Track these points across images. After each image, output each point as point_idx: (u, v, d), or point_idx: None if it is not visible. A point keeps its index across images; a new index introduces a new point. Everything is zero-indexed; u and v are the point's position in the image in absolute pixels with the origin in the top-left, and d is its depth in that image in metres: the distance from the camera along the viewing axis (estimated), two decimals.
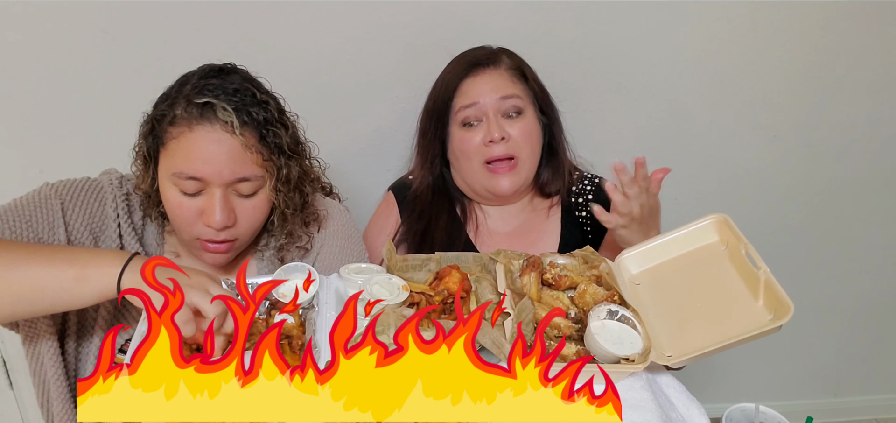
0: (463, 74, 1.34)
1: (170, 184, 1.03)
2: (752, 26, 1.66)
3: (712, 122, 1.78)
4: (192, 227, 1.04)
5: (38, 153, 1.59)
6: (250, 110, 1.03)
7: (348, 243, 1.24)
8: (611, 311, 0.97)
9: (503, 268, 1.07)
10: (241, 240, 1.10)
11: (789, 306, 0.88)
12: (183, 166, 1.00)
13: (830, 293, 2.08)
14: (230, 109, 1.00)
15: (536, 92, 1.37)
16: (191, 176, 1.00)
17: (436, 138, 1.38)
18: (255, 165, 1.04)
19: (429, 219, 1.40)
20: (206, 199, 1.03)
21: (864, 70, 1.75)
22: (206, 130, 1.00)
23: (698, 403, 0.96)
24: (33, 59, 1.49)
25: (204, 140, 1.00)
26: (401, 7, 1.55)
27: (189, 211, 1.03)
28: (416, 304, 1.00)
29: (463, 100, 1.33)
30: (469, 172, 1.36)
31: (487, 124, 1.31)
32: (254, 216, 1.08)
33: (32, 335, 1.05)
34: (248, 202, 1.06)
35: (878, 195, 1.94)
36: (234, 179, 1.02)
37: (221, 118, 1.00)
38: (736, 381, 2.22)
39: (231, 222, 1.04)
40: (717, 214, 1.08)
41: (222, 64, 1.10)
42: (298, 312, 1.03)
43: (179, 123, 1.01)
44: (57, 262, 0.88)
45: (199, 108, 1.01)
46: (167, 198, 1.04)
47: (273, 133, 1.05)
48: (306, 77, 1.59)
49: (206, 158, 1.00)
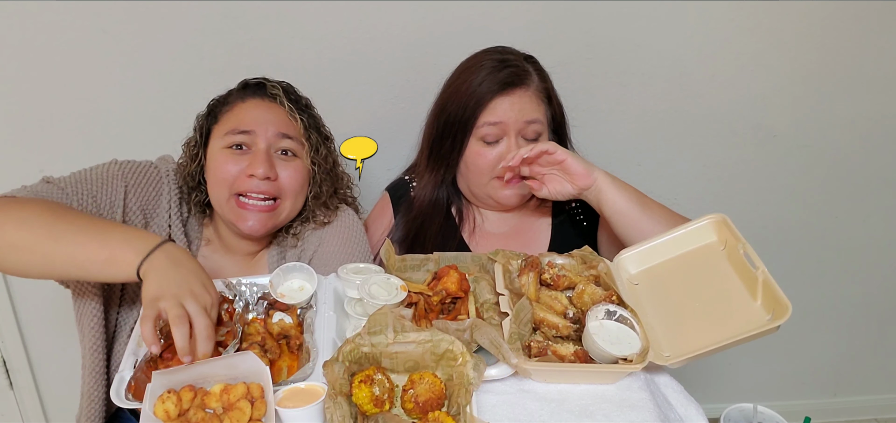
0: (496, 90, 1.29)
1: (220, 148, 1.16)
2: (751, 26, 1.66)
3: (711, 122, 1.78)
4: (235, 182, 1.14)
5: (38, 153, 1.59)
6: (295, 93, 1.24)
7: (349, 242, 1.27)
8: (609, 311, 0.97)
9: (501, 268, 1.07)
10: (282, 205, 1.19)
11: (787, 306, 0.88)
12: (234, 125, 1.16)
13: (829, 293, 2.08)
14: (279, 87, 1.20)
15: (555, 114, 1.37)
16: (241, 130, 1.15)
17: (455, 148, 1.35)
18: (296, 131, 1.18)
19: (423, 220, 1.40)
20: (253, 154, 1.15)
21: (863, 70, 1.75)
22: (257, 100, 1.19)
23: (696, 403, 0.96)
24: (33, 59, 1.49)
25: (255, 106, 1.18)
26: (402, 7, 1.55)
27: (236, 168, 1.15)
28: (414, 304, 1.01)
29: (489, 116, 1.30)
30: (477, 184, 1.37)
31: (507, 145, 1.31)
32: (295, 179, 1.18)
33: (80, 293, 1.13)
34: (289, 166, 1.18)
35: (877, 195, 1.94)
36: (278, 134, 1.16)
37: (271, 92, 1.20)
38: (734, 381, 2.22)
39: (273, 175, 1.15)
40: (716, 214, 1.08)
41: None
42: (296, 312, 1.03)
43: (233, 101, 1.20)
44: (91, 242, 0.94)
45: (252, 87, 1.21)
46: (215, 160, 1.16)
47: (311, 116, 1.23)
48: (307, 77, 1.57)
49: (256, 117, 1.16)
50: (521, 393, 0.89)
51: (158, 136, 1.40)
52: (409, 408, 0.85)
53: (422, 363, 0.89)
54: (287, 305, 1.02)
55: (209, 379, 0.84)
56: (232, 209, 1.15)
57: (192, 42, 1.52)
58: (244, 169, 1.14)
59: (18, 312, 1.78)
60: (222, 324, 0.99)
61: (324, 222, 1.27)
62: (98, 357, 1.12)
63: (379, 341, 0.88)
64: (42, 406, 1.94)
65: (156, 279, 0.89)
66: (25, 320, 1.80)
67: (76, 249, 0.94)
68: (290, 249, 1.25)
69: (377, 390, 0.84)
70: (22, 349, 1.83)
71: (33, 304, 1.77)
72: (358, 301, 1.03)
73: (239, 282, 1.05)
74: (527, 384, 0.91)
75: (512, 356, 0.89)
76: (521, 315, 0.96)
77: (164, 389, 0.81)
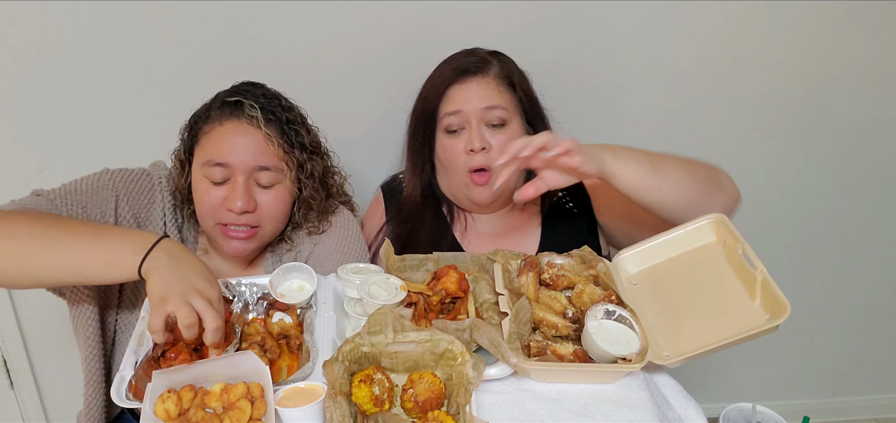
0: (450, 80, 1.32)
1: (201, 175, 1.14)
2: (750, 26, 1.66)
3: (710, 122, 1.78)
4: (216, 213, 1.13)
5: (38, 153, 1.59)
6: (274, 110, 1.16)
7: (345, 242, 1.27)
8: (608, 311, 0.97)
9: (501, 268, 1.07)
10: (264, 231, 1.17)
11: (786, 305, 0.88)
12: (212, 154, 1.12)
13: (828, 293, 2.07)
14: (256, 106, 1.14)
15: (524, 103, 1.35)
16: (218, 162, 1.12)
17: (425, 143, 1.37)
18: (276, 158, 1.14)
19: (414, 222, 1.39)
20: (230, 187, 1.13)
21: (863, 70, 1.75)
22: (234, 123, 1.14)
23: (695, 402, 0.96)
24: (33, 59, 1.49)
25: (232, 131, 1.13)
26: (399, 7, 1.55)
27: (215, 198, 1.13)
28: (413, 304, 1.01)
29: (448, 106, 1.31)
30: (454, 182, 1.36)
31: (469, 133, 1.30)
32: (275, 207, 1.16)
33: (76, 301, 1.13)
34: (268, 194, 1.15)
35: (876, 195, 1.93)
36: (255, 167, 1.13)
37: (248, 114, 1.14)
38: (733, 381, 2.22)
39: (251, 207, 1.13)
40: (715, 214, 1.09)
41: (253, 81, 1.23)
42: (296, 312, 1.04)
43: (212, 120, 1.15)
44: (87, 244, 0.95)
45: (230, 106, 1.15)
46: (197, 187, 1.15)
47: (295, 132, 1.18)
48: (305, 77, 1.59)
49: (232, 147, 1.12)
50: (520, 393, 0.90)
51: (158, 135, 1.40)
52: (408, 408, 0.85)
53: (421, 362, 0.90)
54: (287, 305, 1.03)
55: (209, 379, 0.85)
56: (217, 235, 1.16)
57: (192, 42, 1.52)
58: (224, 201, 1.13)
59: (19, 312, 1.78)
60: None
61: (318, 229, 1.27)
62: (96, 365, 1.13)
63: (378, 341, 0.89)
64: (43, 406, 1.94)
65: (159, 280, 0.90)
66: (26, 320, 1.80)
67: (70, 254, 0.94)
68: (286, 253, 1.25)
69: (377, 389, 0.84)
70: (23, 349, 1.83)
71: (34, 304, 1.78)
72: (358, 301, 1.04)
73: (239, 282, 1.05)
74: (526, 383, 0.91)
75: (511, 355, 0.89)
76: (521, 315, 0.96)
77: (164, 388, 0.81)
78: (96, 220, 1.10)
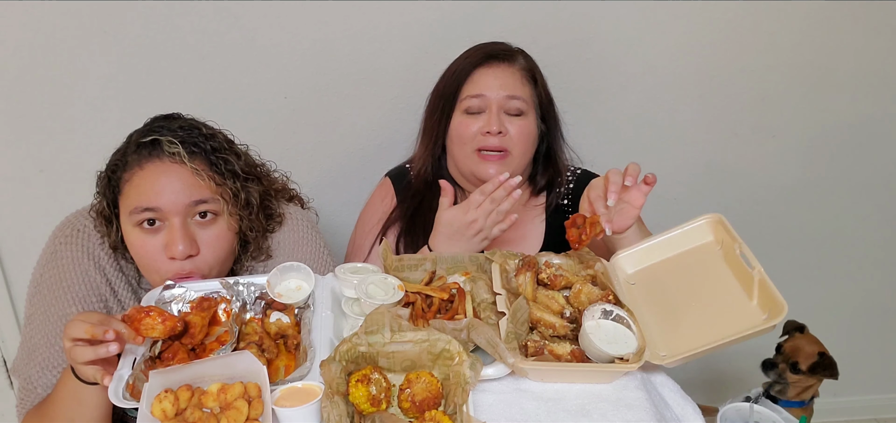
0: (478, 62, 1.37)
1: (131, 227, 1.06)
2: (750, 26, 1.66)
3: (710, 121, 1.78)
4: (158, 265, 1.06)
5: (38, 153, 1.59)
6: (197, 141, 1.07)
7: (301, 242, 1.22)
8: (605, 310, 0.97)
9: (499, 268, 1.07)
10: (209, 272, 1.09)
11: (783, 305, 0.88)
12: (138, 201, 1.04)
13: (826, 293, 2.07)
14: (176, 141, 1.05)
15: (542, 99, 1.40)
16: (146, 207, 1.03)
17: (441, 120, 1.41)
18: (209, 191, 1.06)
19: (421, 199, 1.42)
20: (167, 232, 1.05)
21: (863, 70, 1.75)
22: (155, 164, 1.05)
23: (693, 402, 0.96)
24: (33, 59, 1.50)
25: (154, 173, 1.04)
26: (402, 7, 1.55)
27: (153, 248, 1.05)
28: (411, 303, 1.01)
29: (471, 88, 1.36)
30: (461, 158, 1.39)
31: (488, 116, 1.34)
32: (217, 246, 1.09)
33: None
34: (209, 232, 1.08)
35: (875, 195, 1.93)
36: (189, 203, 1.05)
37: (168, 151, 1.04)
38: (731, 380, 2.22)
39: (194, 250, 1.05)
40: (712, 213, 1.09)
41: (167, 113, 1.14)
42: (294, 311, 1.04)
43: (131, 166, 1.06)
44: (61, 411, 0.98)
45: (147, 147, 1.05)
46: (132, 243, 1.07)
47: (223, 160, 1.09)
48: (307, 77, 1.59)
49: (159, 189, 1.03)
50: (517, 392, 0.90)
51: None
52: (405, 407, 0.85)
53: (419, 362, 0.90)
54: (284, 304, 1.03)
55: (206, 379, 0.85)
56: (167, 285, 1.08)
57: (191, 42, 1.53)
58: (162, 251, 1.05)
59: (19, 312, 1.78)
60: (219, 323, 0.99)
61: (266, 252, 1.20)
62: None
63: (376, 341, 0.89)
64: None
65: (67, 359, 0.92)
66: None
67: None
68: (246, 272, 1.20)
69: (374, 389, 0.84)
70: None
71: None
72: (355, 301, 1.04)
73: (236, 282, 1.05)
74: (523, 383, 0.91)
75: (509, 355, 0.89)
76: (518, 315, 0.96)
77: (161, 388, 0.82)
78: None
